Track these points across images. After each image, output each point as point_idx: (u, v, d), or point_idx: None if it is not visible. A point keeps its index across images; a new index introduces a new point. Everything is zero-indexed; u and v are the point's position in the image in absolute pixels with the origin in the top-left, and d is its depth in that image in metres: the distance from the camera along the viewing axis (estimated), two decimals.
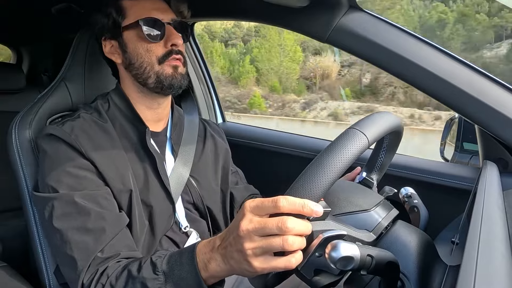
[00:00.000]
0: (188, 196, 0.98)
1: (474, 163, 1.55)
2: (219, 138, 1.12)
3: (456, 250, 0.65)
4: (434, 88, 0.86)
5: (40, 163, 0.85)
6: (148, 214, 0.88)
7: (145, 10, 0.88)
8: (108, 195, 0.81)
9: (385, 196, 0.83)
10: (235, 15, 1.25)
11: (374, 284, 0.62)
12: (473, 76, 0.84)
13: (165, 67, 0.88)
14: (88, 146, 0.82)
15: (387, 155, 0.81)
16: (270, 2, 0.95)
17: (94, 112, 0.91)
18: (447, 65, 0.85)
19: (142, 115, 0.92)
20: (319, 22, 0.94)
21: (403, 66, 0.87)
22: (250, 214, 0.54)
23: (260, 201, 0.53)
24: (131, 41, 0.88)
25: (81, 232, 0.74)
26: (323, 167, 0.52)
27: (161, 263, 0.65)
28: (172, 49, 0.88)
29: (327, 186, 0.52)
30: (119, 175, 0.83)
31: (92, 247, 0.73)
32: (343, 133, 0.57)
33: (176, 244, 0.93)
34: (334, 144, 0.55)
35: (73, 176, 0.79)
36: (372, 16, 0.91)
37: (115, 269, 0.71)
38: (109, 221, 0.76)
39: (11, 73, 1.68)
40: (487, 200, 0.62)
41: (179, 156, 0.97)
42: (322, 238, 0.54)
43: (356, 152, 0.54)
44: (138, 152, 0.90)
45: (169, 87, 0.88)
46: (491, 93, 0.82)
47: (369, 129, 0.58)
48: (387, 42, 0.87)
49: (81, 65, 1.05)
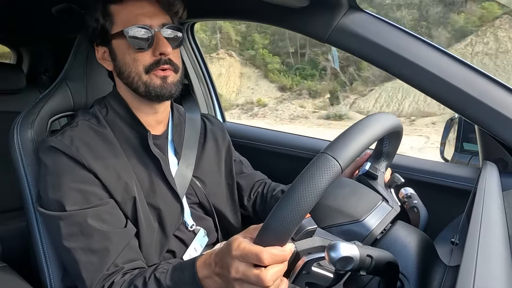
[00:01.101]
0: (193, 196, 0.99)
1: (474, 163, 1.56)
2: (219, 132, 1.12)
3: (455, 251, 0.65)
4: (434, 89, 0.86)
5: (42, 176, 0.84)
6: (157, 217, 0.88)
7: (132, 16, 0.83)
8: (112, 208, 0.81)
9: (394, 186, 0.83)
10: (235, 15, 1.25)
11: (373, 284, 0.62)
12: (473, 76, 0.84)
13: (153, 77, 0.85)
14: (89, 157, 0.81)
15: (392, 143, 0.80)
16: (270, 2, 0.95)
17: (93, 118, 0.90)
18: (447, 66, 0.85)
19: (141, 119, 0.90)
20: (319, 22, 0.94)
21: (403, 67, 0.87)
22: (236, 261, 0.58)
23: (245, 251, 0.57)
24: (119, 49, 0.86)
25: (87, 253, 0.76)
26: (293, 203, 0.51)
27: (165, 279, 0.69)
28: (160, 58, 0.84)
29: (299, 221, 0.52)
30: (122, 183, 0.83)
31: (98, 266, 0.75)
32: (314, 159, 0.53)
33: (184, 243, 0.95)
34: (304, 176, 0.52)
35: (77, 191, 0.79)
36: (372, 16, 0.91)
37: (120, 284, 0.74)
38: (114, 240, 0.78)
39: (11, 73, 1.68)
40: (487, 201, 0.62)
41: (182, 157, 0.97)
42: (304, 261, 0.58)
43: (328, 182, 0.51)
44: (141, 157, 0.89)
45: (158, 97, 0.86)
46: (491, 93, 0.82)
47: (342, 152, 0.53)
48: (387, 42, 0.87)
49: (83, 65, 1.05)
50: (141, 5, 0.84)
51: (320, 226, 0.65)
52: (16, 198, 0.93)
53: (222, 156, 1.08)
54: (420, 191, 0.84)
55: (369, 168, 0.82)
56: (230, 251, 0.58)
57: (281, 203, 0.51)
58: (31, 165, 0.91)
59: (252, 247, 0.55)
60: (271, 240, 0.54)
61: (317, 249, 0.62)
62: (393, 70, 0.89)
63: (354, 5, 0.91)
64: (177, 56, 0.89)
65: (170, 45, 0.84)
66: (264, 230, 0.54)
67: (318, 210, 0.58)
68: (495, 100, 0.81)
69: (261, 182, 1.16)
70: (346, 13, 0.91)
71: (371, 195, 0.72)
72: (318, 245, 0.62)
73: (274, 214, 0.52)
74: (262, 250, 0.54)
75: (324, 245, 0.62)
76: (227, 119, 1.73)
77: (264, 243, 0.54)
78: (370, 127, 0.59)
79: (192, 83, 1.61)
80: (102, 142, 0.85)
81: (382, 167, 0.84)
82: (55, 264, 0.91)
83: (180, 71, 0.90)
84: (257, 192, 1.13)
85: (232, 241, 0.59)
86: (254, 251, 0.54)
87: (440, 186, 1.06)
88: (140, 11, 0.84)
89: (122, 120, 0.90)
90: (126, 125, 0.90)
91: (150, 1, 0.85)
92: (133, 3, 0.84)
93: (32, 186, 0.91)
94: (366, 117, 0.62)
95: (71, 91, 1.03)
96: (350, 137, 0.56)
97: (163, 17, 0.86)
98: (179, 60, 0.90)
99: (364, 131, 0.58)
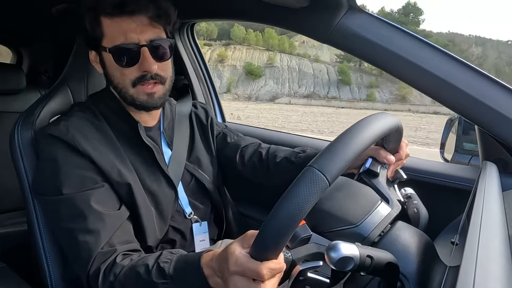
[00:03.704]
0: (189, 183, 1.02)
1: (474, 163, 1.56)
2: (202, 113, 1.15)
3: (455, 251, 0.65)
4: (434, 89, 0.86)
5: (40, 163, 0.89)
6: (153, 201, 0.92)
7: (120, 32, 0.84)
8: (107, 191, 0.85)
9: (397, 182, 0.83)
10: (235, 15, 1.25)
11: (373, 284, 0.62)
12: (473, 76, 0.84)
13: (140, 91, 0.87)
14: (85, 143, 0.84)
15: (393, 139, 0.80)
16: (270, 2, 0.96)
17: (87, 110, 0.93)
18: (447, 66, 0.85)
19: (133, 114, 0.94)
20: (319, 23, 0.94)
21: (403, 67, 0.87)
22: (235, 276, 0.58)
23: (243, 267, 0.57)
24: (108, 61, 0.88)
25: (84, 233, 0.79)
26: (282, 219, 0.51)
27: (169, 268, 0.71)
28: (146, 74, 0.85)
29: (289, 235, 0.53)
30: (116, 169, 0.86)
31: (93, 245, 0.78)
32: (302, 173, 0.53)
33: (181, 232, 0.98)
34: (292, 192, 0.52)
35: (73, 176, 0.82)
36: (372, 17, 0.91)
37: (122, 267, 0.76)
38: (107, 220, 0.81)
39: (11, 74, 1.68)
40: (487, 201, 0.62)
41: (174, 146, 1.01)
42: (298, 270, 0.60)
43: (316, 197, 0.51)
44: (135, 147, 0.93)
45: (144, 109, 0.91)
46: (491, 93, 0.82)
47: (329, 166, 0.53)
48: (387, 42, 0.87)
49: (83, 66, 1.05)
50: (130, 20, 0.84)
51: (316, 231, 0.66)
52: (16, 199, 0.93)
53: (209, 135, 1.12)
54: (420, 191, 0.84)
55: (371, 164, 0.81)
56: (228, 266, 0.59)
57: (270, 219, 0.52)
58: (32, 165, 0.91)
59: (250, 264, 0.56)
60: (265, 255, 0.55)
61: (313, 256, 0.63)
62: (393, 70, 0.89)
63: (354, 5, 0.91)
64: (164, 68, 0.89)
65: (155, 62, 0.85)
66: (257, 245, 0.56)
67: (313, 215, 0.57)
68: (495, 100, 0.81)
69: (253, 146, 1.13)
70: (346, 13, 0.91)
71: (369, 197, 0.71)
72: (313, 252, 0.63)
73: (264, 229, 0.53)
74: (260, 267, 0.55)
75: (319, 252, 0.63)
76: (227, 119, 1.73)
77: (259, 257, 0.55)
78: (360, 134, 0.58)
79: (192, 83, 1.61)
80: (97, 132, 0.89)
81: (385, 163, 0.83)
82: (56, 262, 0.91)
83: (168, 81, 0.91)
84: (252, 157, 1.10)
85: (229, 254, 0.59)
86: (252, 268, 0.56)
87: (440, 186, 1.06)
88: (129, 26, 0.84)
89: (114, 114, 0.94)
90: (119, 118, 0.94)
91: (140, 16, 0.84)
92: (123, 18, 0.84)
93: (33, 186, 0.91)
94: (357, 122, 0.61)
95: (71, 91, 1.04)
96: (337, 149, 0.56)
97: (151, 32, 0.86)
98: (169, 71, 0.91)
99: (354, 140, 0.57)
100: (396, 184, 0.84)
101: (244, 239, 0.61)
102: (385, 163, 0.83)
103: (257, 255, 0.56)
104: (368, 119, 0.62)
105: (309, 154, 1.02)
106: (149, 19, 0.85)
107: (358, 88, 66.26)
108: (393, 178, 0.85)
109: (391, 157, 0.84)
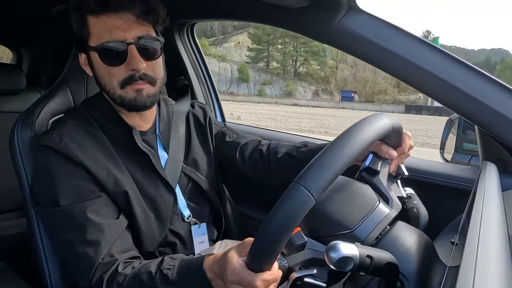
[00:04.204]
0: (186, 186, 1.01)
1: (474, 163, 1.56)
2: (200, 113, 1.13)
3: (455, 251, 0.65)
4: (434, 89, 0.86)
5: (35, 174, 0.88)
6: (152, 206, 0.91)
7: (106, 30, 0.81)
8: (104, 201, 0.84)
9: (399, 178, 0.83)
10: (235, 15, 1.25)
11: (373, 284, 0.62)
12: (473, 76, 0.84)
13: (128, 91, 0.84)
14: (79, 153, 0.83)
15: (393, 137, 0.80)
16: (270, 2, 0.95)
17: (81, 117, 0.90)
18: (447, 66, 0.85)
19: (126, 120, 0.92)
20: (319, 23, 0.94)
21: (403, 67, 0.87)
22: (232, 285, 0.62)
23: (240, 277, 0.61)
24: (95, 61, 0.85)
25: (83, 245, 0.78)
26: (270, 234, 0.54)
27: (172, 274, 0.71)
28: (134, 73, 0.83)
29: (279, 249, 0.55)
30: (112, 177, 0.85)
31: (93, 257, 0.78)
32: (288, 190, 0.53)
33: (180, 235, 0.97)
34: (278, 208, 0.53)
35: (69, 186, 0.81)
36: (372, 17, 0.91)
37: (124, 276, 0.75)
38: (107, 231, 0.80)
39: (11, 74, 1.68)
40: (487, 201, 0.62)
41: (170, 149, 0.99)
42: (294, 277, 0.62)
43: (303, 214, 0.52)
44: (131, 153, 0.91)
45: (133, 109, 0.87)
46: (491, 93, 0.82)
47: (315, 182, 0.53)
48: (387, 42, 0.87)
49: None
50: (116, 17, 0.81)
51: (312, 235, 0.66)
52: (16, 199, 0.93)
53: (207, 135, 1.10)
54: (420, 191, 0.84)
55: (372, 161, 0.79)
56: (226, 275, 0.62)
57: (260, 233, 0.55)
58: (32, 165, 0.91)
59: (245, 274, 0.59)
60: (259, 266, 0.58)
61: (309, 262, 0.64)
62: (393, 71, 0.89)
63: (354, 5, 0.91)
64: (154, 67, 0.86)
65: (143, 60, 0.82)
66: (251, 256, 0.59)
67: (310, 219, 0.58)
68: (495, 100, 0.81)
69: (253, 143, 1.10)
70: (346, 13, 0.91)
71: (367, 199, 0.70)
72: (309, 258, 0.64)
73: (256, 243, 0.56)
74: (255, 278, 0.59)
75: (315, 257, 0.64)
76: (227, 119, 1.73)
77: (254, 268, 0.59)
78: (349, 144, 0.57)
79: (192, 83, 1.61)
80: (92, 139, 0.87)
81: (386, 160, 0.82)
82: (55, 263, 0.91)
83: (158, 83, 0.88)
84: (253, 154, 1.08)
85: (227, 262, 0.62)
86: (247, 280, 0.59)
87: (440, 186, 1.06)
88: (115, 23, 0.81)
89: (108, 120, 0.92)
90: (112, 124, 0.92)
91: (126, 13, 0.82)
92: (109, 15, 0.81)
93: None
94: (346, 131, 0.60)
95: (71, 91, 1.04)
96: (324, 163, 0.55)
97: (139, 29, 0.83)
98: (159, 71, 0.88)
99: (342, 151, 0.56)
100: (399, 180, 0.83)
101: (241, 246, 0.63)
102: (387, 159, 0.81)
103: (252, 266, 0.59)
104: (357, 125, 0.61)
105: (311, 149, 1.00)
106: (136, 16, 0.82)
107: (254, 85, 75.48)
108: (395, 173, 0.84)
109: (393, 152, 0.81)
